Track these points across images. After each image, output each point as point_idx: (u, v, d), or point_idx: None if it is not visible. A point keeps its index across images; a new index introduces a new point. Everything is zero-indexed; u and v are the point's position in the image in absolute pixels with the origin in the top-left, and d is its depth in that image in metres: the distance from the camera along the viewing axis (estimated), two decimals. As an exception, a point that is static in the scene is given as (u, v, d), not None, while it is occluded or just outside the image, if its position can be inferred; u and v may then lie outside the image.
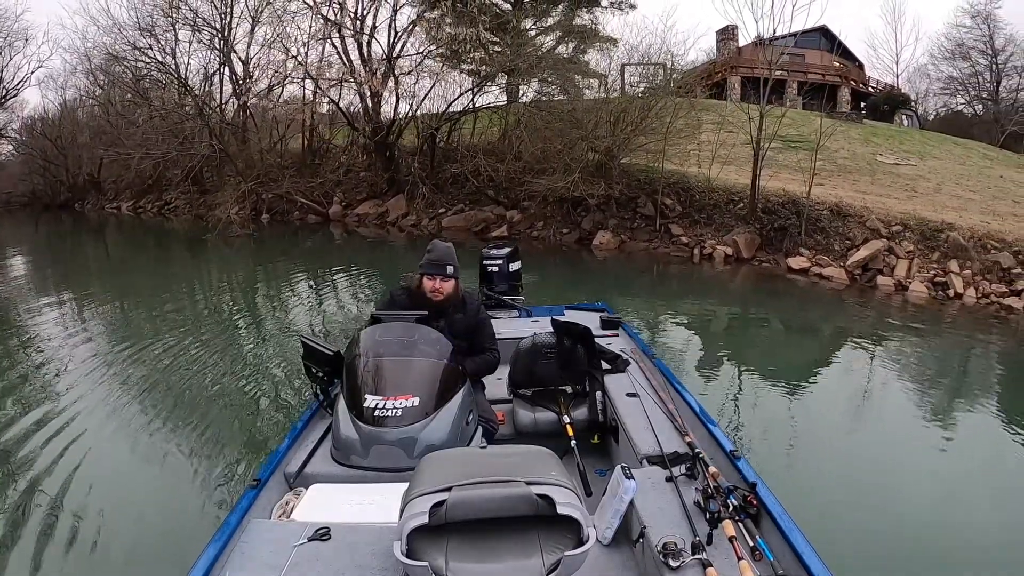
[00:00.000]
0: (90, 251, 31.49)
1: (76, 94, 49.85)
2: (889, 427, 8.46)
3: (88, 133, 47.92)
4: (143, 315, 15.06)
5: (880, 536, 5.48)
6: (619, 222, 24.03)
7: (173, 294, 17.98)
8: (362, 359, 4.46)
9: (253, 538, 3.24)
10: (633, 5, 37.49)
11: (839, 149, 27.68)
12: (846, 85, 47.57)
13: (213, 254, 26.56)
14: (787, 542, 3.19)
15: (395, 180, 31.59)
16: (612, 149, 23.67)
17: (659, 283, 19.67)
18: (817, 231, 19.70)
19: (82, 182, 50.69)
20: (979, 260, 16.86)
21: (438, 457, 3.06)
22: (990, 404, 9.82)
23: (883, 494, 6.33)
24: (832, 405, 9.20)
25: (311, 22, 33.04)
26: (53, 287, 20.60)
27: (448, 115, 30.45)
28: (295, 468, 4.10)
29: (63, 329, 13.83)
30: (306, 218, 33.25)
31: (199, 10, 34.53)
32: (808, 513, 4.22)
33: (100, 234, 37.72)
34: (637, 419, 4.68)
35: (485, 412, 4.91)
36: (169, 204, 41.76)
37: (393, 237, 28.33)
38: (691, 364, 10.85)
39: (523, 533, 2.74)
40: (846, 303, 16.62)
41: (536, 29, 36.77)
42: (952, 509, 6.14)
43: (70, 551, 5.35)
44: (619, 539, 3.52)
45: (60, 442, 7.54)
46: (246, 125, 36.12)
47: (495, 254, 8.31)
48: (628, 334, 7.10)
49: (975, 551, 5.49)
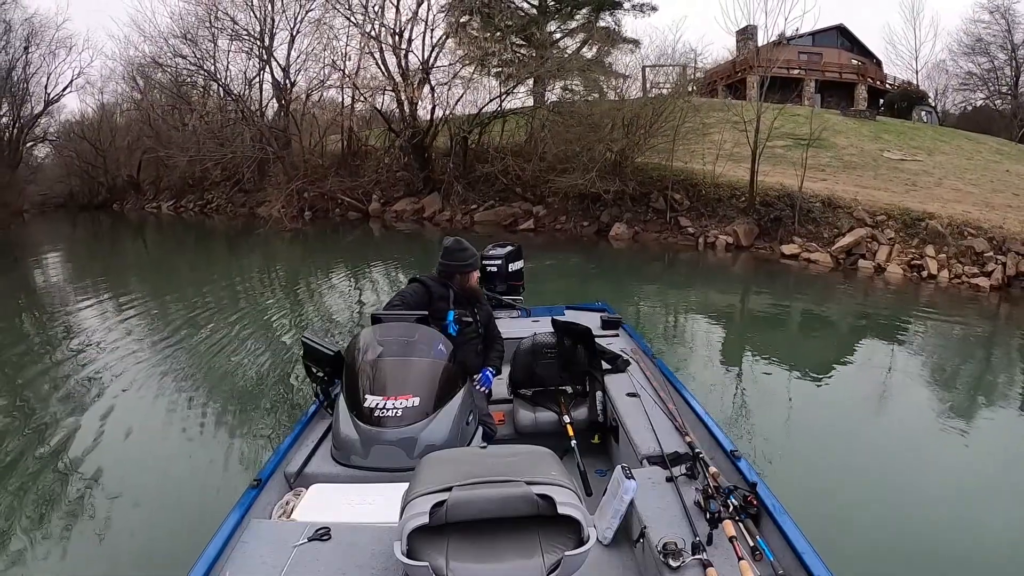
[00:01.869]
0: (129, 247, 32.05)
1: (113, 98, 50.28)
2: (889, 425, 8.19)
3: (130, 136, 48.13)
4: (166, 311, 14.78)
5: (880, 536, 5.28)
6: (633, 215, 24.63)
7: (209, 288, 17.91)
8: (362, 359, 4.28)
9: (253, 538, 3.11)
10: (655, 7, 37.27)
11: (848, 146, 27.80)
12: (863, 83, 46.35)
13: (257, 249, 27.22)
14: (787, 542, 3.04)
15: (430, 179, 31.90)
16: (626, 150, 24.62)
17: (667, 269, 20.38)
18: (809, 221, 20.38)
19: (121, 183, 50.86)
20: (955, 245, 17.34)
21: (438, 457, 2.91)
22: (989, 396, 9.54)
23: (884, 493, 6.09)
24: (831, 404, 8.87)
25: (348, 31, 34.21)
26: (92, 280, 20.88)
27: (479, 119, 30.69)
28: (295, 468, 3.94)
29: (94, 324, 13.79)
30: (347, 215, 33.58)
31: (238, 19, 35.78)
32: (808, 513, 3.99)
33: (140, 232, 37.99)
34: (637, 419, 4.50)
35: (485, 413, 4.76)
36: (211, 203, 41.93)
37: (428, 231, 28.48)
38: (689, 360, 10.62)
39: (523, 533, 2.58)
40: (829, 285, 17.24)
41: (560, 32, 37.02)
42: (953, 507, 5.92)
43: (68, 550, 5.21)
44: (619, 539, 3.36)
45: (61, 437, 7.47)
46: (288, 128, 36.47)
47: (495, 254, 7.93)
48: (628, 334, 6.85)
49: (976, 550, 5.26)
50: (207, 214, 40.84)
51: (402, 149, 33.39)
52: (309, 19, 35.47)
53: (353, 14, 33.06)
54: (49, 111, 45.60)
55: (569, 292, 16.10)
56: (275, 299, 16.62)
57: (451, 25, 32.89)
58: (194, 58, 38.37)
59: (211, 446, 7.14)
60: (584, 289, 16.55)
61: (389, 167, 34.74)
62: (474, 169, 30.63)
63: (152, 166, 47.59)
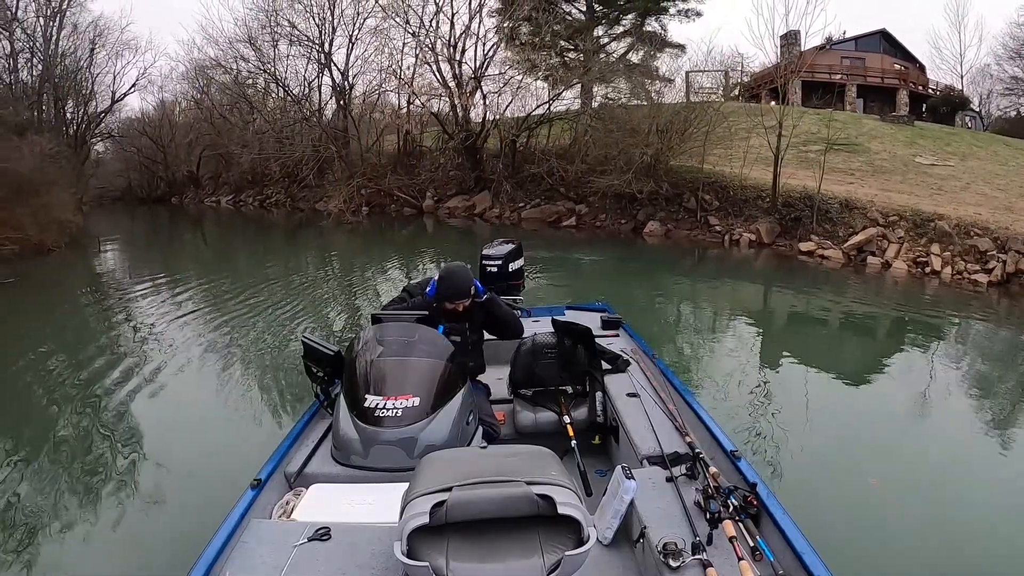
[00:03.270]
0: (188, 238, 32.36)
1: (173, 96, 50.75)
2: (890, 424, 7.88)
3: (192, 133, 48.55)
4: (206, 302, 14.64)
5: (881, 536, 5.13)
6: (667, 214, 25.00)
7: (258, 279, 17.95)
8: (362, 359, 4.12)
9: (253, 538, 3.01)
10: (699, 13, 37.30)
11: (881, 151, 27.49)
12: (904, 88, 45.18)
13: (315, 241, 28.18)
14: (787, 542, 2.91)
15: (481, 178, 32.20)
16: (660, 153, 24.82)
17: (693, 263, 20.76)
18: (826, 220, 20.64)
19: (180, 177, 51.13)
20: (960, 244, 17.50)
21: (438, 457, 2.81)
22: (992, 394, 9.29)
23: (885, 493, 5.91)
24: (832, 404, 8.55)
25: (404, 39, 34.68)
26: (146, 267, 21.86)
27: (527, 124, 31.08)
28: (295, 468, 3.83)
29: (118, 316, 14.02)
30: (402, 211, 34.01)
31: (298, 25, 36.63)
32: (808, 513, 3.88)
33: (199, 224, 38.31)
34: (637, 419, 4.37)
35: (485, 413, 4.60)
36: (270, 198, 42.23)
37: (478, 227, 28.79)
38: (693, 357, 10.49)
39: (523, 533, 2.49)
40: (838, 280, 17.56)
41: (608, 37, 37.38)
42: (954, 508, 5.72)
43: (68, 550, 5.09)
44: (619, 539, 3.25)
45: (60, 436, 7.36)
46: (347, 129, 37.13)
47: (494, 254, 7.49)
48: (628, 334, 6.62)
49: (977, 551, 5.10)
50: (266, 208, 41.28)
51: (455, 150, 33.67)
52: (367, 26, 36.14)
53: (409, 25, 33.48)
54: (112, 108, 46.10)
55: (606, 282, 17.15)
56: (319, 289, 16.86)
57: (502, 31, 33.07)
58: (257, 61, 39.35)
59: (211, 445, 7.01)
60: (618, 281, 17.42)
61: (443, 166, 34.99)
62: (522, 169, 30.73)
63: (212, 162, 48.23)
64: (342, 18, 36.79)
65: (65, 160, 29.14)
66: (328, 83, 38.89)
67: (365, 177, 34.71)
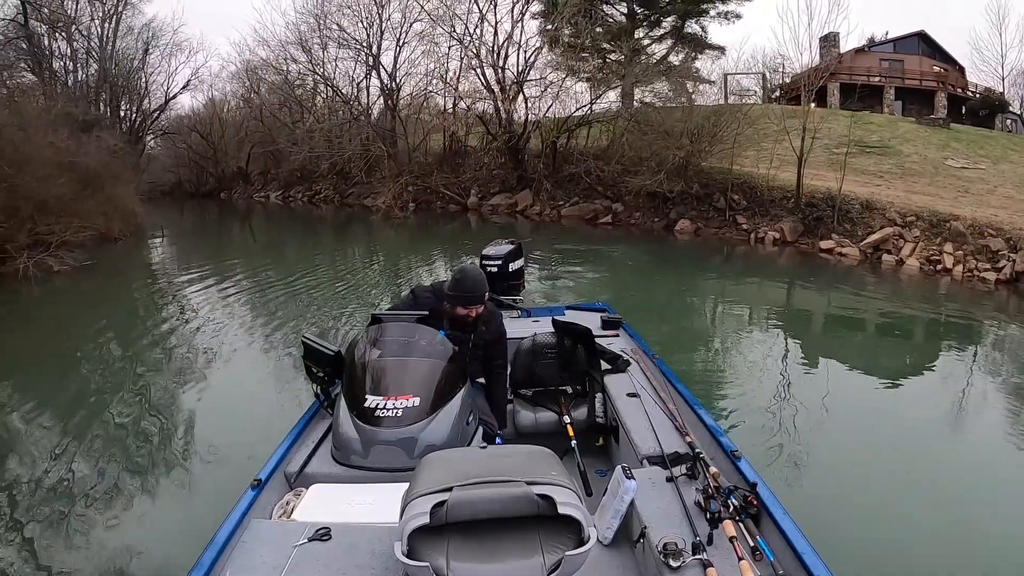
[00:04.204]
0: (236, 231, 33.16)
1: (222, 94, 51.07)
2: (891, 424, 7.68)
3: (243, 130, 48.92)
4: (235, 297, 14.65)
5: (881, 536, 5.02)
6: (698, 213, 25.20)
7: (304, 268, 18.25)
8: (363, 359, 4.03)
9: (253, 538, 2.95)
10: (739, 15, 36.89)
11: (912, 154, 27.11)
12: (942, 90, 43.28)
13: (363, 235, 28.78)
14: (787, 542, 2.86)
15: (523, 177, 32.26)
16: (691, 156, 25.06)
17: (716, 260, 21.01)
18: (847, 220, 20.90)
19: (230, 173, 51.43)
20: (973, 244, 17.64)
21: (438, 457, 2.74)
22: (996, 396, 9.09)
23: (885, 494, 5.79)
24: (833, 404, 8.23)
25: (449, 44, 35.24)
26: (202, 257, 22.59)
27: (566, 126, 31.08)
28: (295, 468, 3.74)
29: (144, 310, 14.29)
30: (447, 207, 34.12)
31: (347, 28, 37.46)
32: (809, 513, 3.81)
33: (247, 218, 38.79)
34: (638, 419, 4.29)
35: (485, 413, 4.48)
36: (319, 194, 42.42)
37: (520, 224, 28.93)
38: (697, 354, 10.29)
39: (524, 533, 2.42)
40: (853, 276, 17.77)
41: (649, 39, 37.23)
42: (954, 509, 5.60)
43: (68, 550, 5.02)
44: (619, 539, 3.19)
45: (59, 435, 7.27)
46: (395, 129, 37.48)
47: (494, 254, 7.32)
48: (628, 334, 6.46)
49: (977, 551, 5.00)
50: (315, 204, 41.44)
51: (498, 150, 33.91)
52: (414, 30, 36.76)
53: (455, 31, 34.10)
54: (165, 107, 46.48)
55: (632, 276, 18.14)
56: (365, 279, 17.08)
57: (546, 34, 33.52)
58: (307, 63, 40.15)
59: (211, 446, 6.83)
60: (643, 275, 18.29)
61: (487, 165, 35.18)
62: (562, 169, 30.83)
63: (261, 158, 48.47)
64: (389, 22, 37.56)
65: (125, 156, 30.13)
66: (376, 84, 39.68)
67: (413, 175, 35.18)
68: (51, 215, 18.02)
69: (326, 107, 42.82)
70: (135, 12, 38.42)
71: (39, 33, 30.04)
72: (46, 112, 21.49)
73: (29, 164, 17.46)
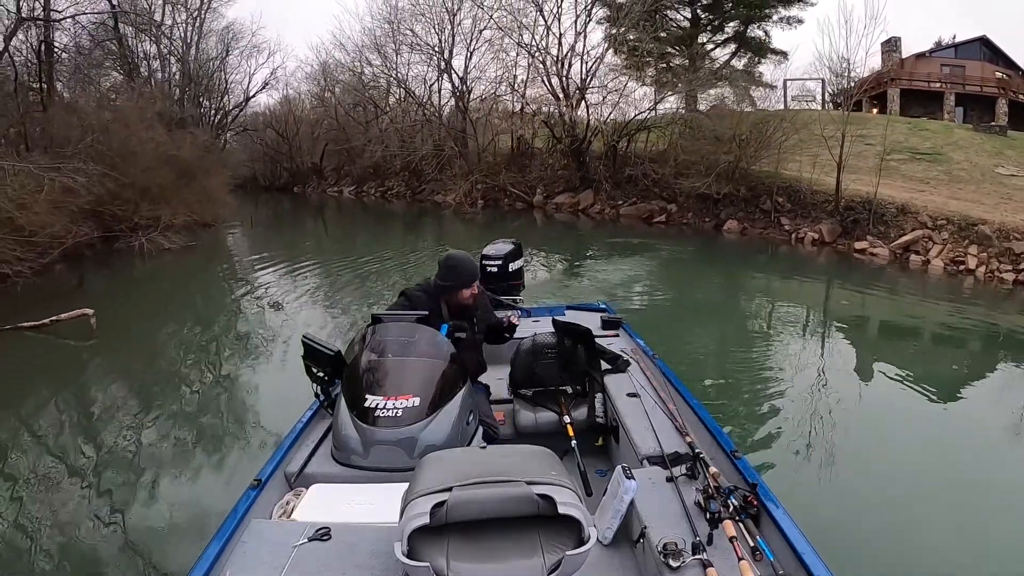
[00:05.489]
0: (311, 222, 34.50)
1: (296, 93, 51.74)
2: (892, 424, 7.49)
3: (318, 128, 49.54)
4: None
5: (882, 536, 4.88)
6: (745, 214, 25.26)
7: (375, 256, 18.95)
8: (363, 359, 3.94)
9: (253, 538, 2.88)
10: (800, 20, 36.03)
11: (962, 161, 26.20)
12: (1003, 96, 40.95)
13: (431, 229, 29.21)
14: (787, 542, 2.77)
15: (585, 178, 32.21)
16: (739, 160, 25.10)
17: (766, 258, 21.12)
18: (882, 223, 20.76)
19: (304, 168, 51.89)
20: (998, 247, 17.48)
21: (438, 457, 2.68)
22: (999, 393, 8.89)
23: (885, 494, 5.61)
24: (833, 404, 7.96)
25: (517, 52, 35.88)
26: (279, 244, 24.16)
27: (626, 130, 31.17)
28: (296, 468, 3.63)
29: None
30: (514, 205, 34.19)
31: (419, 33, 38.21)
32: (808, 513, 3.70)
33: (321, 211, 39.49)
34: (638, 419, 4.15)
35: (485, 414, 4.36)
36: (391, 189, 42.81)
37: (581, 222, 29.33)
38: (698, 359, 9.95)
39: (524, 533, 2.37)
40: (881, 275, 17.78)
41: (712, 43, 37.10)
42: (955, 508, 5.42)
43: (69, 550, 4.95)
44: (619, 539, 3.09)
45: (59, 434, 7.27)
46: (465, 129, 38.01)
47: (494, 254, 7.16)
48: (628, 334, 6.25)
49: (977, 551, 4.85)
50: (387, 199, 41.85)
51: (562, 152, 34.05)
52: (483, 37, 37.26)
53: (522, 39, 34.63)
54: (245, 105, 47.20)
55: (685, 270, 18.76)
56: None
57: (610, 39, 33.64)
58: (382, 65, 41.12)
59: (211, 446, 6.80)
60: (698, 268, 19.04)
61: (551, 166, 35.24)
62: (621, 171, 30.67)
63: (334, 154, 48.95)
64: (460, 27, 37.86)
65: (215, 151, 32.11)
66: (447, 87, 40.01)
67: (482, 173, 35.61)
68: (153, 203, 20.14)
69: (399, 107, 43.12)
70: (216, 16, 39.19)
71: (127, 36, 30.81)
72: (142, 111, 22.56)
73: (134, 157, 19.61)
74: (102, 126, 19.31)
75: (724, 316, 13.01)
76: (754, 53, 36.62)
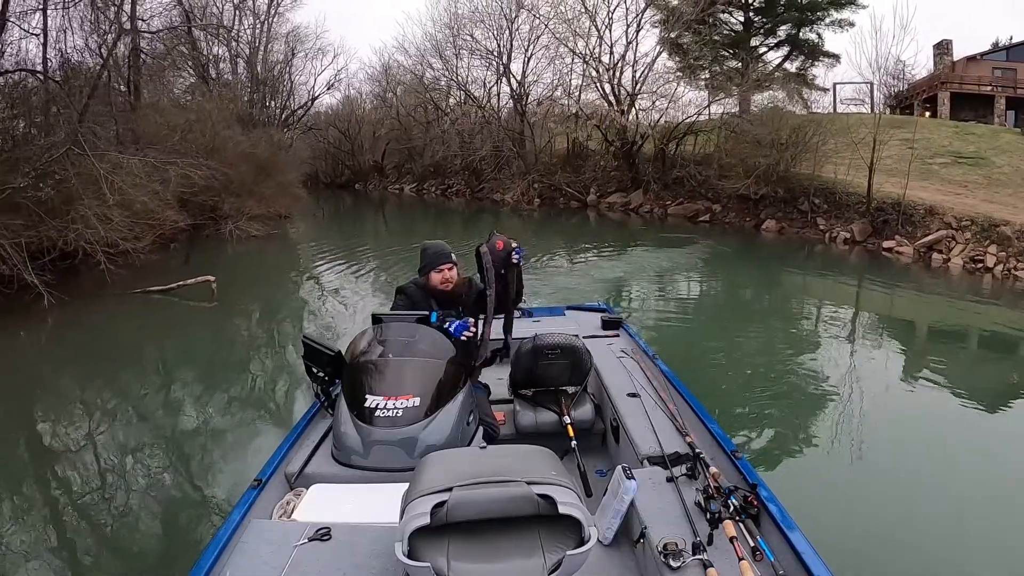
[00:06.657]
0: (372, 217, 35.40)
1: (359, 93, 52.31)
2: (892, 424, 7.20)
3: (381, 128, 49.96)
4: None
5: (881, 537, 4.72)
6: (783, 214, 25.16)
7: None
8: (363, 359, 3.82)
9: (254, 538, 2.79)
10: (852, 23, 35.03)
11: (1003, 165, 25.30)
12: None
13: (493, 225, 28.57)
14: (788, 542, 2.68)
15: (636, 178, 32.42)
16: (778, 163, 24.99)
17: (793, 255, 20.89)
18: (910, 224, 20.46)
19: (366, 166, 52.32)
20: (1017, 247, 17.26)
21: (438, 457, 2.61)
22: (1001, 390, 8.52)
23: (886, 494, 5.41)
24: (834, 403, 7.68)
25: (572, 59, 36.04)
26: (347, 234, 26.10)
27: (674, 133, 31.09)
28: (296, 468, 3.49)
29: None
30: (568, 203, 34.48)
31: (479, 38, 39.01)
32: (809, 513, 3.57)
33: (381, 208, 39.87)
34: (638, 419, 4.02)
35: (486, 414, 4.20)
36: (451, 187, 43.12)
37: (632, 221, 29.43)
38: (699, 359, 9.60)
39: (524, 533, 2.30)
40: (903, 272, 17.58)
41: (764, 47, 36.72)
42: (956, 508, 5.19)
43: (70, 550, 4.81)
44: (620, 539, 3.01)
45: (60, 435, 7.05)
46: (523, 131, 38.17)
47: None
48: (628, 334, 6.06)
49: (977, 550, 4.67)
50: (447, 197, 42.17)
51: (614, 154, 34.07)
52: (540, 43, 37.73)
53: (577, 48, 34.76)
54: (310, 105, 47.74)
55: (725, 264, 19.13)
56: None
57: (663, 41, 33.88)
58: (444, 69, 41.80)
59: (211, 446, 6.60)
60: (730, 264, 19.19)
61: (604, 167, 35.30)
62: (670, 172, 30.75)
63: (395, 153, 49.53)
64: (518, 33, 38.37)
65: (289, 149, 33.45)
66: (506, 90, 40.70)
67: (539, 173, 35.97)
68: (236, 195, 21.56)
69: (459, 109, 43.40)
70: (283, 20, 39.67)
71: (199, 39, 31.32)
72: (221, 111, 23.63)
73: (217, 153, 20.48)
74: (187, 125, 20.23)
75: (734, 314, 12.77)
76: (806, 56, 36.15)
